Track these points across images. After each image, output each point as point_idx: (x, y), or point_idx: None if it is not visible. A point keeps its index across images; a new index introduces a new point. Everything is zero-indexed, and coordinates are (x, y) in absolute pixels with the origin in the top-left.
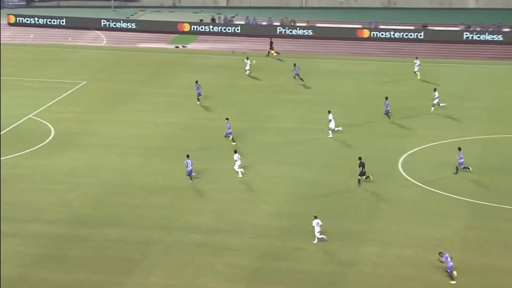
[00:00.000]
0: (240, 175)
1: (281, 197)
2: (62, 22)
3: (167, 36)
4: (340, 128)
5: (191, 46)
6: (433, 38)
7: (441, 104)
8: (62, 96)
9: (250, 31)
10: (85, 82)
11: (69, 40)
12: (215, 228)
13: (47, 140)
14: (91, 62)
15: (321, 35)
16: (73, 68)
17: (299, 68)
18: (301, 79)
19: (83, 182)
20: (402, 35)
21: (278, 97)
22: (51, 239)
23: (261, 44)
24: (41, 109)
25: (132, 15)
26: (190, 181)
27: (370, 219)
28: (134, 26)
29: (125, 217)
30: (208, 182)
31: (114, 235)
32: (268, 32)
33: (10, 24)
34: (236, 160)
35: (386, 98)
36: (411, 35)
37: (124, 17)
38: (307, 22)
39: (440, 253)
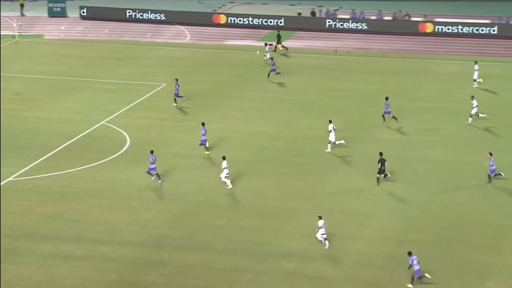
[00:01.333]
0: (230, 186)
1: (388, 221)
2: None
3: (257, 32)
4: (342, 141)
5: (285, 44)
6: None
7: (480, 115)
8: (139, 100)
9: (357, 26)
10: (165, 84)
11: (147, 36)
12: (311, 255)
13: (122, 150)
14: (172, 61)
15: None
16: (151, 68)
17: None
18: (278, 73)
19: (161, 199)
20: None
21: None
22: (125, 264)
23: (374, 42)
24: (115, 114)
25: (219, 7)
26: (152, 177)
27: (496, 249)
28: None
29: (208, 240)
30: (302, 201)
31: (196, 260)
32: (379, 29)
33: (83, 18)
34: (224, 168)
35: (387, 98)
36: None
37: (210, 10)
38: (425, 16)
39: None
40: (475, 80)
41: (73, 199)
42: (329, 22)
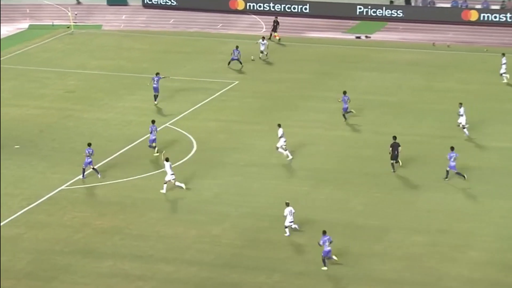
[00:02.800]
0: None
1: (493, 241)
2: (305, 8)
3: (343, 23)
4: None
5: (376, 36)
6: None
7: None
8: (207, 100)
9: (455, 17)
10: (237, 82)
11: (218, 27)
12: (405, 279)
13: (188, 157)
14: (245, 55)
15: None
16: (222, 64)
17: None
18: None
19: (232, 212)
20: None
21: (493, 106)
22: (191, 285)
23: (478, 35)
24: (181, 115)
25: None
26: (82, 176)
27: None
28: (307, 10)
29: (285, 260)
30: (394, 217)
31: (271, 284)
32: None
33: (145, 6)
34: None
35: (344, 92)
36: None
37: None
38: None
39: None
40: (501, 74)
41: (133, 212)
42: (425, 11)
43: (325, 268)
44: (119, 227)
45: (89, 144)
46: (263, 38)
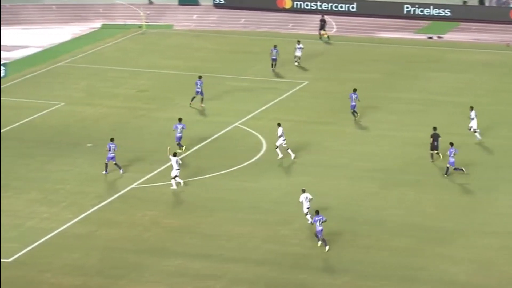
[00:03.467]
0: (174, 186)
1: None
2: (352, 7)
3: (414, 24)
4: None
5: (448, 36)
6: None
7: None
8: (277, 100)
9: None
10: (306, 82)
11: (288, 27)
12: (477, 283)
13: (257, 156)
14: (315, 55)
15: None
16: (292, 64)
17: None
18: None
19: (301, 213)
20: None
21: None
22: (260, 285)
23: None
24: (251, 115)
25: None
26: (105, 172)
27: None
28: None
29: (354, 261)
30: (466, 220)
31: (340, 284)
32: None
33: (216, 6)
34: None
35: (354, 90)
36: None
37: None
38: None
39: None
40: None
41: (203, 211)
42: (499, 12)
43: (320, 242)
44: (188, 226)
45: (112, 139)
46: (299, 41)
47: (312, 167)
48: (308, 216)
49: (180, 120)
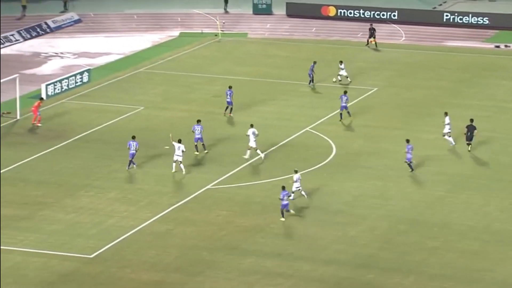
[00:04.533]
0: (174, 169)
1: None
2: (394, 15)
3: (482, 32)
4: None
5: None
6: None
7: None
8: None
9: None
10: (376, 88)
11: (358, 35)
12: None
13: (327, 160)
14: (384, 63)
15: None
16: (362, 71)
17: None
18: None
19: (369, 215)
20: None
21: None
22: (329, 284)
23: None
24: (320, 120)
25: (440, 4)
26: (129, 167)
27: None
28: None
29: (421, 262)
30: None
31: (407, 284)
32: None
33: (289, 16)
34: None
35: (345, 92)
36: None
37: (429, 8)
38: None
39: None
40: None
41: (274, 211)
42: None
43: (283, 219)
44: (260, 226)
45: (133, 137)
46: (341, 62)
47: (381, 171)
48: (293, 194)
49: (198, 121)
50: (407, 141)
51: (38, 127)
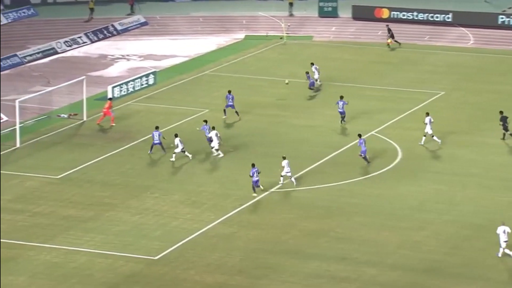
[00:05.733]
0: (173, 159)
1: None
2: (448, 18)
3: None
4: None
5: None
6: None
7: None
8: (413, 109)
9: None
10: (443, 92)
11: (425, 38)
12: None
13: (392, 164)
14: (452, 67)
15: None
16: (428, 74)
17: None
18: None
19: (435, 220)
20: None
21: None
22: None
23: None
24: (386, 124)
25: (509, 7)
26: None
27: None
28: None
29: (489, 268)
30: None
31: None
32: None
33: (355, 19)
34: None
35: (341, 97)
36: None
37: (498, 11)
38: None
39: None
40: None
41: (339, 215)
42: None
43: (255, 194)
44: (324, 230)
45: (157, 127)
46: (312, 64)
47: (448, 175)
48: (282, 178)
49: (205, 122)
50: (359, 135)
51: (112, 127)
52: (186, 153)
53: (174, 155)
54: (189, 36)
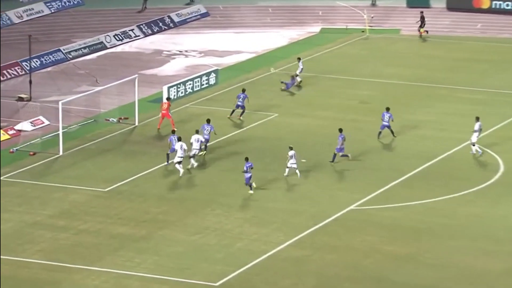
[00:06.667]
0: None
1: None
2: None
3: None
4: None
5: None
6: None
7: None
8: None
9: None
10: None
11: None
12: None
13: (493, 179)
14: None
15: None
16: None
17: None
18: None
19: None
20: None
21: None
22: None
23: None
24: (486, 132)
25: None
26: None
27: None
28: None
29: None
30: None
31: None
32: None
33: (450, 9)
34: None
35: (387, 109)
36: None
37: None
38: None
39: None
40: None
41: (429, 238)
42: None
43: (251, 191)
44: (412, 254)
45: (208, 120)
46: (299, 59)
47: None
48: (287, 170)
49: (208, 121)
50: (340, 130)
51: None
52: (192, 160)
53: (192, 159)
54: (256, 29)
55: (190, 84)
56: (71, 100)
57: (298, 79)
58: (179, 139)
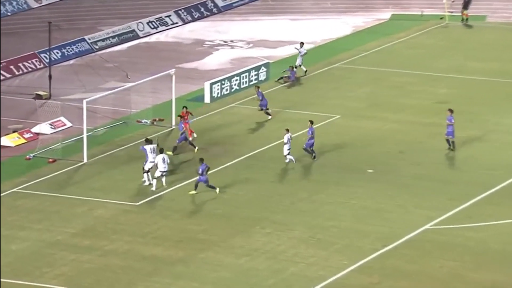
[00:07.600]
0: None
1: None
2: None
3: None
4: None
5: None
6: None
7: None
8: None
9: None
10: None
11: None
12: None
13: None
14: None
15: None
16: None
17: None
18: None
19: None
20: None
21: None
22: None
23: None
24: None
25: None
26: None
27: None
28: None
29: None
30: None
31: None
32: None
33: None
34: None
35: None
36: None
37: None
38: None
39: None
40: None
41: (496, 263)
42: None
43: (193, 192)
44: (501, 283)
45: (161, 150)
46: (302, 44)
47: None
48: (287, 157)
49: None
50: (311, 122)
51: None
52: (163, 180)
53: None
54: (314, 15)
55: (236, 79)
56: (97, 98)
57: (304, 68)
58: (161, 151)
